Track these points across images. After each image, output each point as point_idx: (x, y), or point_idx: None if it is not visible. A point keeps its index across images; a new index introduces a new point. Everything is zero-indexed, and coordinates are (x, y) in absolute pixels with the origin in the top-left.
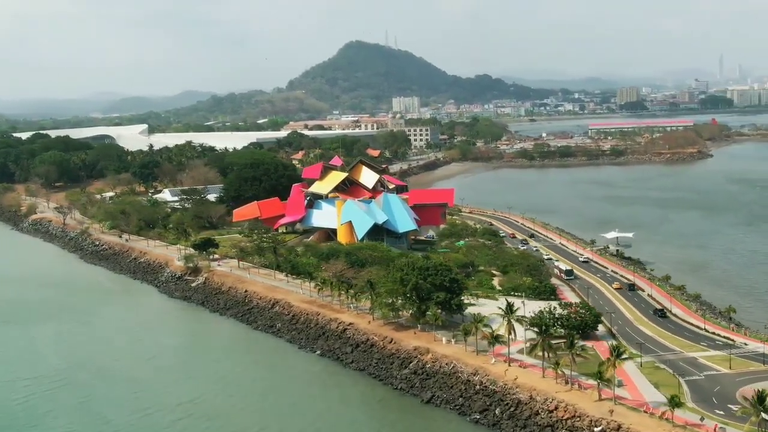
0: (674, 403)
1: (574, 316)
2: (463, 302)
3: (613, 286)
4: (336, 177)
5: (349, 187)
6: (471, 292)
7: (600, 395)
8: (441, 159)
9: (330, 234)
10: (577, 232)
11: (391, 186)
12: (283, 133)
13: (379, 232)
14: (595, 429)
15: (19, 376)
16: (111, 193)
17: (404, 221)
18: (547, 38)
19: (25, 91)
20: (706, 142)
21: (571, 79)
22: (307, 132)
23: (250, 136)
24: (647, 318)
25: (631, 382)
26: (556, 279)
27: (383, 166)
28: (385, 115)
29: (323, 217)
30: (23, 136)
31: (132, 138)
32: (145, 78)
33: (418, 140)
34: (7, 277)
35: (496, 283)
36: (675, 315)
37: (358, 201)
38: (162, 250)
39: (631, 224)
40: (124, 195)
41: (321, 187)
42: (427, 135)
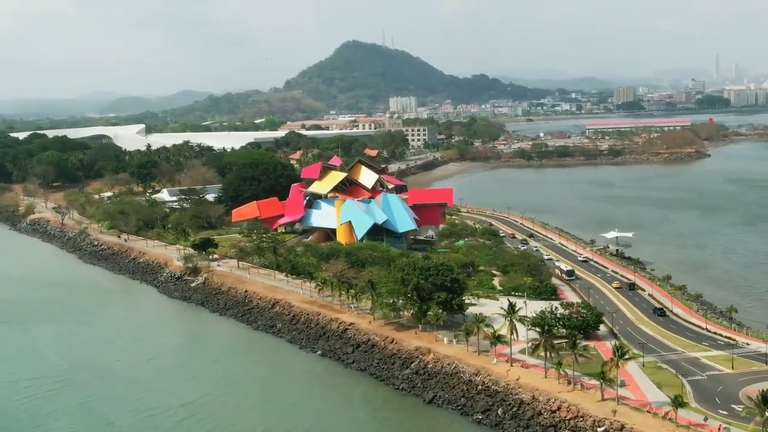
0: (678, 403)
1: (576, 316)
2: (464, 302)
3: (612, 285)
4: (335, 177)
5: (348, 187)
6: (472, 292)
7: (603, 395)
8: (439, 159)
9: (329, 234)
10: (576, 232)
11: (391, 186)
12: (280, 133)
13: (378, 232)
14: (599, 429)
15: (21, 377)
16: (109, 193)
17: (404, 221)
18: (547, 38)
19: (23, 90)
20: (704, 141)
21: (568, 79)
22: (305, 132)
23: (247, 136)
24: (648, 318)
25: (633, 382)
26: (556, 279)
27: (382, 166)
28: (382, 115)
29: (322, 217)
30: (20, 136)
31: (129, 138)
32: (142, 78)
33: (416, 140)
34: (6, 277)
35: (496, 283)
36: (676, 315)
37: (358, 201)
38: (161, 250)
39: (631, 224)
40: (122, 195)
41: (320, 187)
42: (425, 135)
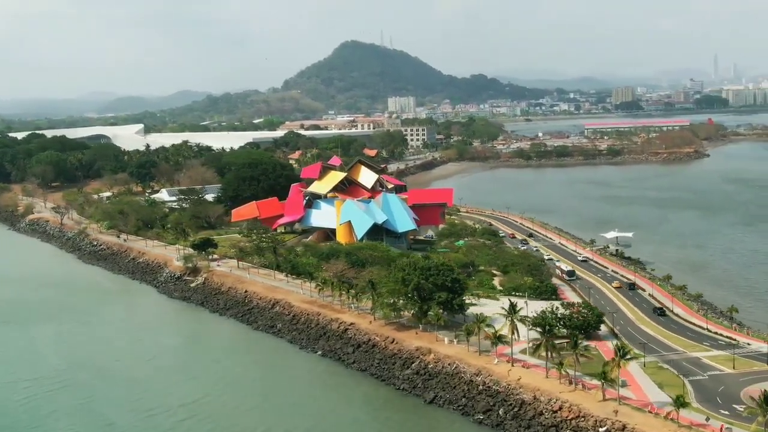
0: (680, 403)
1: (577, 316)
2: (464, 302)
3: (612, 284)
4: (335, 177)
5: (347, 187)
6: (472, 292)
7: (604, 395)
8: (438, 159)
9: (329, 234)
10: (576, 232)
11: (390, 186)
12: (279, 133)
13: (378, 232)
14: (600, 429)
15: (20, 377)
16: (108, 193)
17: (403, 221)
18: (547, 38)
19: (22, 90)
20: (703, 141)
21: (567, 79)
22: (304, 132)
23: (246, 136)
24: (649, 318)
25: (634, 382)
26: (556, 279)
27: (382, 166)
28: (381, 115)
29: (322, 217)
30: (19, 135)
31: (128, 138)
32: (141, 78)
33: (415, 140)
34: (6, 277)
35: (496, 283)
36: (677, 315)
37: (357, 201)
38: (161, 250)
39: (630, 224)
40: (121, 195)
41: (320, 187)
42: (424, 135)
